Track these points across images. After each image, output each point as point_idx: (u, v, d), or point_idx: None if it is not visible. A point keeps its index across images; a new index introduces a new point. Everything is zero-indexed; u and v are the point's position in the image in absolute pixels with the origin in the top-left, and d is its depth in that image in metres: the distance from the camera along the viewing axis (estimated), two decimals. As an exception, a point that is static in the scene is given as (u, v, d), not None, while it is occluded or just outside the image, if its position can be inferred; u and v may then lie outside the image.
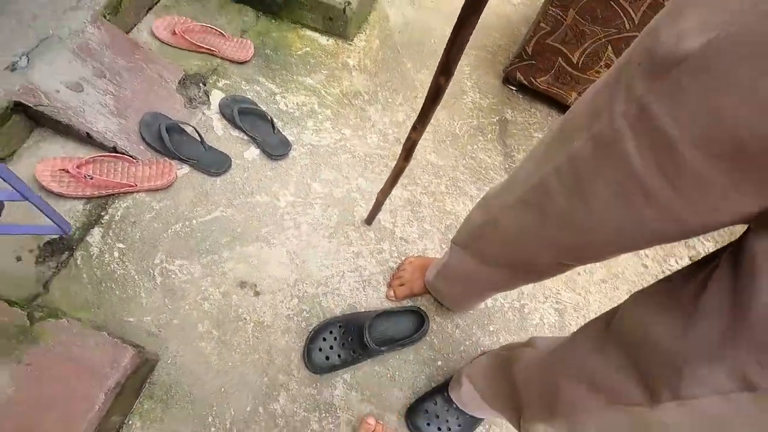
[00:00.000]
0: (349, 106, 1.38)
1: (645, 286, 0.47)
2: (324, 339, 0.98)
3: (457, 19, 0.47)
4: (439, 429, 0.93)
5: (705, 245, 1.36)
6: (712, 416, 0.37)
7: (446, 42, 0.51)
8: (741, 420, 0.36)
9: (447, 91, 0.58)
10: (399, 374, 1.02)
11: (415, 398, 0.98)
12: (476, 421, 0.95)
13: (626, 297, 0.49)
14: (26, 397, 0.75)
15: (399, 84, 1.46)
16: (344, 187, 1.23)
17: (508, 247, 0.64)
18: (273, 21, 1.47)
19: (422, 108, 0.64)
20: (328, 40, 1.49)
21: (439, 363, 1.05)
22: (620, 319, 0.48)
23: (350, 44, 1.50)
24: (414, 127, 0.70)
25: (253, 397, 0.94)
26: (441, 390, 0.95)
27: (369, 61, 1.49)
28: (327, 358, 0.96)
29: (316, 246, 1.13)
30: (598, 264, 1.24)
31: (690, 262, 0.53)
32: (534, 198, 0.52)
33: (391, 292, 1.08)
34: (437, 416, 0.93)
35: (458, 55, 0.51)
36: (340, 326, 0.99)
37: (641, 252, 1.31)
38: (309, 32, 1.48)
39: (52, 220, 0.92)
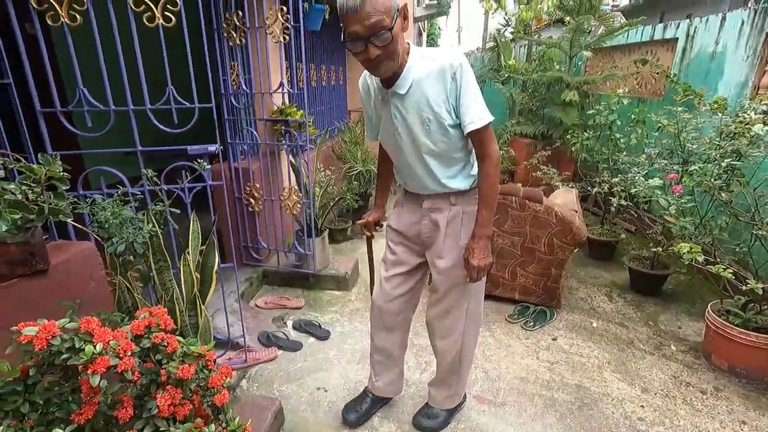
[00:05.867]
0: (355, 314, 2.71)
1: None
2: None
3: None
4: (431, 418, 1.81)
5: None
6: None
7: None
8: None
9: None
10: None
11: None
12: (452, 412, 1.84)
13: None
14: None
15: (378, 302, 2.84)
16: (360, 342, 2.40)
17: None
18: (311, 290, 2.98)
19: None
20: (339, 293, 2.96)
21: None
22: None
23: (350, 292, 2.97)
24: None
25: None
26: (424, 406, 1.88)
27: (361, 296, 2.92)
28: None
29: (351, 369, 2.21)
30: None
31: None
32: None
33: None
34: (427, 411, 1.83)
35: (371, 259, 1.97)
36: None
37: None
38: (329, 291, 2.97)
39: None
